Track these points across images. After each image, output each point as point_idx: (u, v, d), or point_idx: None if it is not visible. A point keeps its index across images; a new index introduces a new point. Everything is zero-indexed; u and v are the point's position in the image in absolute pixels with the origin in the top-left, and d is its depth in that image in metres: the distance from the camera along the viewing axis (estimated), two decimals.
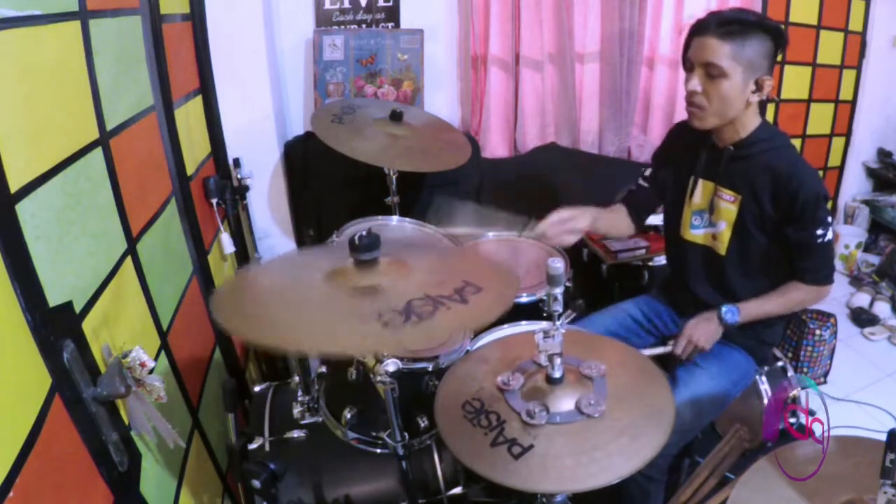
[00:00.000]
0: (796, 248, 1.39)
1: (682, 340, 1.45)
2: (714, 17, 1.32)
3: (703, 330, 1.44)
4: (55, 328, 0.86)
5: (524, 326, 1.54)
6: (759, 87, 1.33)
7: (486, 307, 0.93)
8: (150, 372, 1.04)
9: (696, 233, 1.53)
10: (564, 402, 1.01)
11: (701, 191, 1.50)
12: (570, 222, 1.54)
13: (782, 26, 1.35)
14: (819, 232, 1.35)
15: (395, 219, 2.00)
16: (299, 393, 1.40)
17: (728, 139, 1.41)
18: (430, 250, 1.26)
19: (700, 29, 1.33)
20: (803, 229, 1.35)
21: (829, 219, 1.36)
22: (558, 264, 0.95)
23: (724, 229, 1.45)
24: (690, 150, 1.51)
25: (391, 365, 1.10)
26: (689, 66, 1.37)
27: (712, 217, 1.48)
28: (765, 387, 1.67)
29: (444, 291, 0.94)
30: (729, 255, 1.46)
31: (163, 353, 1.31)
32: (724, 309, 1.43)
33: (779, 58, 2.92)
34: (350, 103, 2.04)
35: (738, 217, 1.42)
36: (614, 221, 1.69)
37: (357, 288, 0.95)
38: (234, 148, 2.15)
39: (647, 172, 1.68)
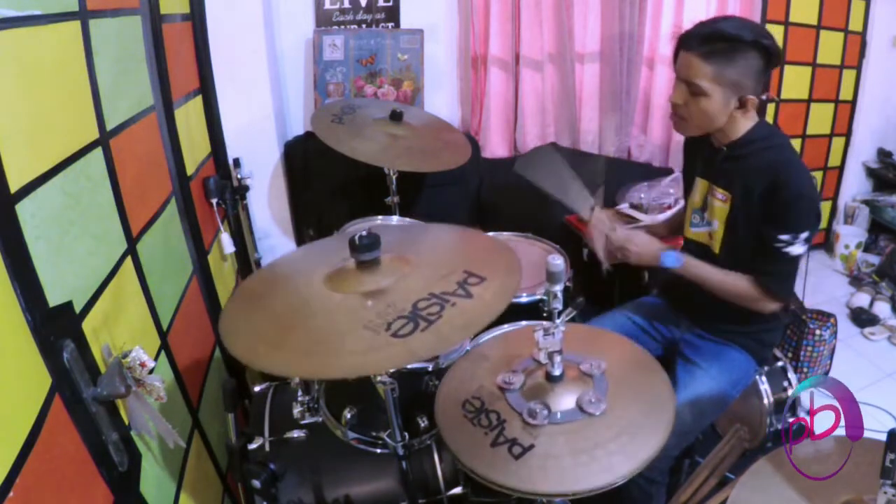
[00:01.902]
0: (758, 244, 1.33)
1: (615, 241, 1.44)
2: (700, 31, 1.29)
3: (641, 247, 1.43)
4: (55, 328, 0.86)
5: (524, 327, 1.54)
6: (742, 104, 1.31)
7: (491, 299, 0.93)
8: (150, 372, 1.04)
9: (695, 231, 1.53)
10: (565, 401, 1.01)
11: (698, 189, 1.50)
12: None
13: (775, 42, 1.29)
14: (783, 237, 1.28)
15: (395, 219, 2.00)
16: (299, 393, 1.40)
17: (723, 140, 1.42)
18: (428, 238, 1.25)
19: (685, 43, 1.31)
20: (770, 225, 1.30)
21: (805, 235, 1.29)
22: (558, 261, 0.95)
23: (718, 228, 1.45)
24: (694, 151, 1.53)
25: None
26: (677, 75, 1.37)
27: (707, 215, 1.49)
28: (765, 387, 1.67)
29: (448, 287, 0.94)
30: (722, 254, 1.46)
31: (163, 353, 1.31)
32: (666, 252, 1.42)
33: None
34: (350, 103, 2.04)
35: (730, 216, 1.41)
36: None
37: (362, 294, 0.95)
38: (234, 148, 2.15)
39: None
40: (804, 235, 1.29)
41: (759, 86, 1.31)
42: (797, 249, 1.30)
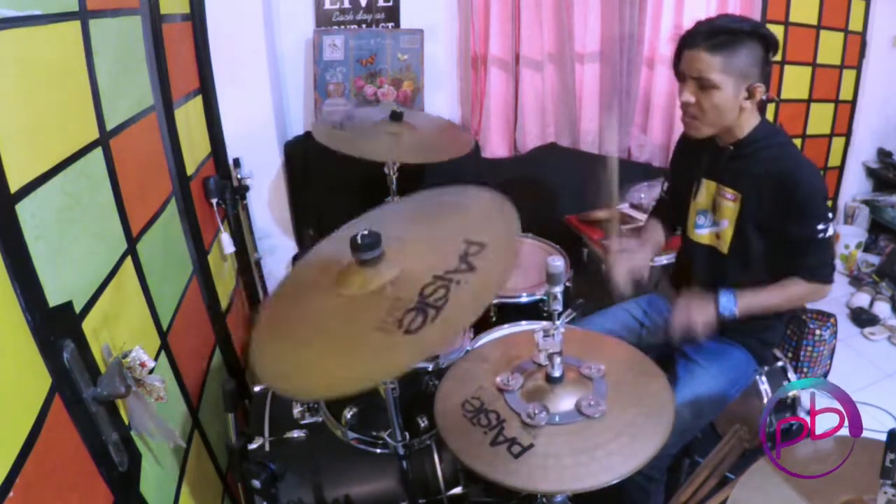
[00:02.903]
0: (796, 245, 1.38)
1: (679, 328, 1.40)
2: (703, 27, 1.32)
3: (699, 318, 1.40)
4: (55, 328, 0.86)
5: (524, 326, 1.54)
6: (750, 94, 1.34)
7: (494, 268, 0.92)
8: (150, 372, 1.04)
9: (700, 232, 1.54)
10: (564, 402, 1.01)
11: (704, 190, 1.50)
12: (635, 264, 1.56)
13: (772, 32, 1.34)
14: (819, 227, 1.34)
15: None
16: None
17: (728, 140, 1.43)
18: (421, 216, 1.24)
19: (689, 41, 1.34)
20: (803, 225, 1.34)
21: (830, 215, 1.36)
22: (558, 263, 0.95)
23: (727, 227, 1.46)
24: (695, 154, 1.53)
25: None
26: (681, 77, 1.38)
27: (715, 216, 1.49)
28: (765, 387, 1.67)
29: (451, 265, 0.93)
30: (731, 254, 1.47)
31: (163, 353, 1.30)
32: (722, 300, 1.40)
33: (778, 58, 2.91)
34: (349, 113, 2.03)
35: (740, 215, 1.42)
36: (658, 242, 1.72)
37: (369, 293, 0.95)
38: (234, 148, 2.15)
39: (665, 187, 1.71)
40: (831, 216, 1.36)
41: (762, 75, 1.34)
42: (831, 230, 1.36)
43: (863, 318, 2.73)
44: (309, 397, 0.89)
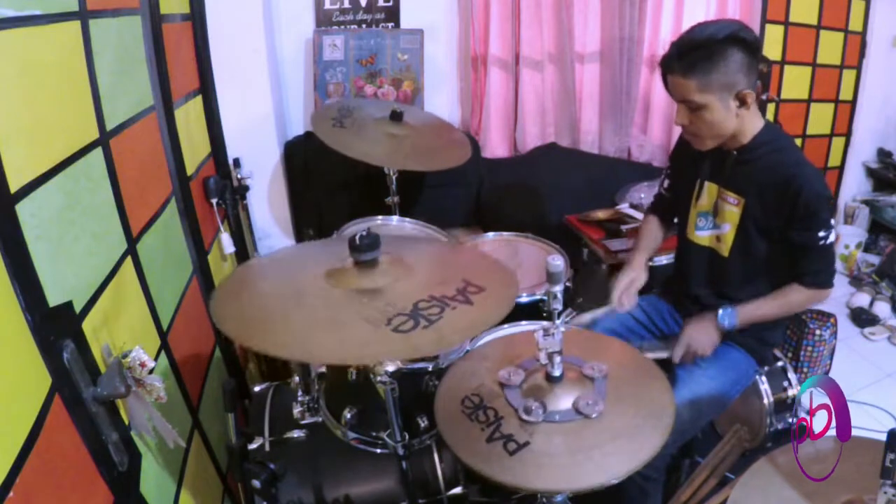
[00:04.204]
0: (798, 250, 1.38)
1: (680, 349, 1.45)
2: (674, 49, 1.30)
3: (700, 337, 1.44)
4: (55, 328, 0.86)
5: (524, 326, 1.54)
6: (742, 101, 1.31)
7: (491, 307, 0.93)
8: (150, 372, 1.04)
9: (700, 234, 1.53)
10: (563, 401, 1.01)
11: (706, 193, 1.50)
12: (633, 285, 1.57)
13: (751, 33, 1.30)
14: (821, 234, 1.34)
15: (395, 219, 2.00)
16: (299, 393, 1.40)
17: (731, 145, 1.42)
18: (426, 248, 1.26)
19: (666, 66, 1.33)
20: (805, 230, 1.35)
21: (832, 221, 1.36)
22: (558, 262, 0.95)
23: (729, 231, 1.46)
24: (697, 155, 1.51)
25: (391, 365, 1.09)
26: (673, 98, 1.38)
27: (716, 219, 1.49)
28: (765, 387, 1.67)
29: (448, 292, 0.94)
30: (732, 257, 1.47)
31: (163, 353, 1.31)
32: (721, 313, 1.43)
33: (778, 58, 2.91)
34: (346, 105, 2.03)
35: (742, 219, 1.42)
36: (656, 241, 1.71)
37: (360, 290, 0.95)
38: (234, 148, 2.15)
39: (666, 184, 1.70)
40: (833, 222, 1.36)
41: (750, 79, 1.31)
42: (832, 236, 1.36)
43: (863, 318, 2.73)
44: (269, 351, 0.89)
